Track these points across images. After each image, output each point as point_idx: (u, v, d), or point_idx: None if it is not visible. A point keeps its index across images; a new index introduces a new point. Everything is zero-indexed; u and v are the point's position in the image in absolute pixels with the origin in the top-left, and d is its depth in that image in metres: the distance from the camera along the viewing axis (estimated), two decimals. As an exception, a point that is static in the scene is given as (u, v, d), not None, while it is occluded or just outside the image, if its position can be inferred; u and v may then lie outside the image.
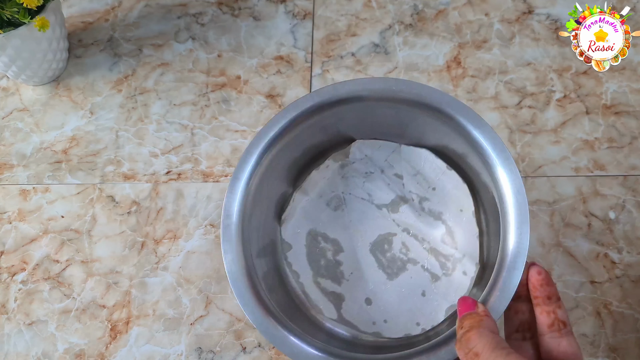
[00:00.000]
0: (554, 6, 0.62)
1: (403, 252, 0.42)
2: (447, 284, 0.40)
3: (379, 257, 0.42)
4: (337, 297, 0.41)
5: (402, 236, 0.42)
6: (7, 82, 0.62)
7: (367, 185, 0.43)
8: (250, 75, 0.60)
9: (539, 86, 0.57)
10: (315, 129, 0.40)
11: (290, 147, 0.39)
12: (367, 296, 0.41)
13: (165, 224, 0.51)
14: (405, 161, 0.43)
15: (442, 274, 0.40)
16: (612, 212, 0.49)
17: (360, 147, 0.43)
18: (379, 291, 0.41)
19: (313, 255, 0.42)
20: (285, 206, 0.43)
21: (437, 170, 0.42)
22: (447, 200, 0.42)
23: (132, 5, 0.66)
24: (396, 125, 0.41)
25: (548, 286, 0.29)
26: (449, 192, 0.41)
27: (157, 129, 0.57)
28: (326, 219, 0.43)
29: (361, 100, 0.38)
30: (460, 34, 0.61)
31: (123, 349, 0.46)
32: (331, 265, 0.42)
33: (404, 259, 0.41)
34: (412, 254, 0.41)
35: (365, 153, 0.43)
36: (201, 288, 0.48)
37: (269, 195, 0.41)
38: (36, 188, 0.54)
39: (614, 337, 0.44)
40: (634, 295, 0.46)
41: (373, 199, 0.43)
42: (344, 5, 0.64)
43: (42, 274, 0.50)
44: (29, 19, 0.51)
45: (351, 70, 0.59)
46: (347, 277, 0.41)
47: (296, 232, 0.42)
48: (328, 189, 0.43)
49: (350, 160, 0.43)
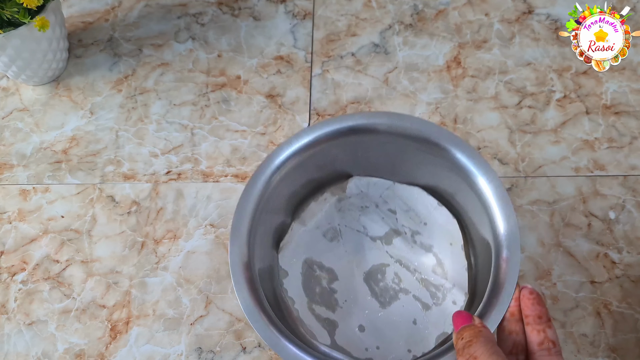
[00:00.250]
0: (554, 6, 0.62)
1: (395, 282, 0.43)
2: (438, 312, 0.42)
3: (373, 286, 0.44)
4: (331, 324, 0.42)
5: (394, 267, 0.44)
6: (7, 82, 0.62)
7: (362, 219, 0.46)
8: (250, 75, 0.60)
9: (539, 86, 0.57)
10: (313, 164, 0.42)
11: (290, 180, 0.41)
12: (361, 323, 0.42)
13: (165, 224, 0.51)
14: (399, 198, 0.45)
15: (433, 303, 0.42)
16: (612, 212, 0.49)
17: (357, 183, 0.45)
18: (372, 319, 0.42)
19: (308, 282, 0.43)
20: (283, 235, 0.45)
21: (429, 206, 0.44)
22: (437, 234, 0.44)
23: (132, 5, 0.66)
24: (390, 164, 0.43)
25: (539, 306, 0.30)
26: (440, 226, 0.44)
27: (157, 129, 0.57)
28: (322, 249, 0.45)
29: (357, 134, 0.40)
30: (460, 34, 0.61)
31: (123, 349, 0.46)
32: (326, 292, 0.43)
33: (396, 288, 0.43)
34: (404, 283, 0.43)
35: (361, 189, 0.45)
36: (201, 288, 0.48)
37: (269, 224, 0.43)
38: (36, 188, 0.54)
39: (614, 337, 0.44)
40: (634, 295, 0.46)
41: (368, 231, 0.45)
42: (344, 5, 0.64)
43: (42, 274, 0.50)
44: (29, 19, 0.51)
45: (351, 70, 0.59)
46: (341, 304, 0.43)
47: (293, 260, 0.44)
48: (325, 221, 0.45)
49: (347, 195, 0.45)
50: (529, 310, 0.31)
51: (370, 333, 0.42)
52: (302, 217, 0.45)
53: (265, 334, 0.34)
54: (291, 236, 0.45)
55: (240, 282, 0.36)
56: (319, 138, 0.40)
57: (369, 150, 0.42)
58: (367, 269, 0.44)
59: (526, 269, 0.47)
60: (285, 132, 0.56)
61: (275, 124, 0.56)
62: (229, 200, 0.52)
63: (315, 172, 0.44)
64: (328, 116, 0.56)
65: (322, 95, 0.58)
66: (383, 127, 0.39)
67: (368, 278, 0.44)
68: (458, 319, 0.30)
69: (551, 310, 0.46)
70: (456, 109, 0.56)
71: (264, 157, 0.54)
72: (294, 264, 0.44)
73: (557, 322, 0.45)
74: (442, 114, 0.56)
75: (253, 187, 0.39)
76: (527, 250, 0.48)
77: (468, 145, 0.38)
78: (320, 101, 0.58)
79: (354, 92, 0.58)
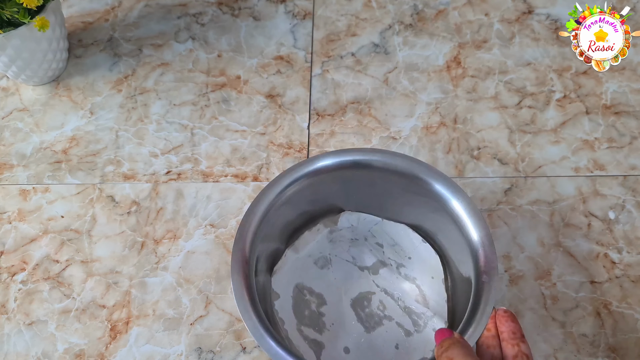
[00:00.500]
0: (554, 6, 0.62)
1: (380, 309, 0.46)
2: (419, 339, 0.45)
3: (359, 312, 0.46)
4: (318, 345, 0.45)
5: (380, 295, 0.47)
6: (7, 82, 0.62)
7: (352, 250, 0.49)
8: (250, 75, 0.60)
9: (539, 86, 0.57)
10: (310, 195, 0.45)
11: (287, 209, 0.44)
12: (346, 345, 0.45)
13: (165, 224, 0.51)
14: (386, 233, 0.48)
15: (414, 330, 0.45)
16: (611, 212, 0.49)
17: (348, 218, 0.48)
18: (357, 342, 0.45)
19: (298, 305, 0.46)
20: (277, 260, 0.47)
21: (414, 242, 0.47)
22: (420, 268, 0.47)
23: (132, 5, 0.66)
24: (379, 202, 0.47)
25: (513, 322, 0.33)
26: (423, 261, 0.47)
27: (157, 129, 0.57)
28: (313, 275, 0.47)
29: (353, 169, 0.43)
30: (460, 34, 0.61)
31: (123, 349, 0.46)
32: (314, 316, 0.46)
33: (380, 315, 0.46)
34: (388, 311, 0.46)
35: (351, 223, 0.49)
36: (201, 288, 0.48)
37: (265, 250, 0.45)
38: (36, 188, 0.54)
39: (613, 337, 0.44)
40: (634, 295, 0.46)
41: (356, 261, 0.48)
42: (344, 5, 0.64)
43: (42, 274, 0.50)
44: (29, 19, 0.51)
45: (351, 70, 0.59)
46: (328, 327, 0.45)
47: (285, 283, 0.47)
48: (317, 250, 0.48)
49: (338, 228, 0.49)
50: (503, 327, 0.33)
51: (355, 355, 0.44)
52: (296, 245, 0.48)
53: (256, 331, 0.36)
54: (284, 262, 0.47)
55: (238, 281, 0.38)
56: (319, 169, 0.43)
57: (361, 188, 0.45)
58: (354, 295, 0.47)
59: (526, 268, 0.47)
60: (285, 132, 0.56)
61: (275, 124, 0.56)
62: (229, 201, 0.52)
63: (310, 205, 0.47)
64: (328, 116, 0.56)
65: (322, 95, 0.58)
66: (377, 164, 0.42)
67: (355, 304, 0.47)
68: (439, 334, 0.33)
69: (551, 310, 0.46)
70: (456, 109, 0.56)
71: (264, 157, 0.54)
72: (286, 288, 0.46)
73: (557, 322, 0.45)
74: (442, 114, 0.56)
75: (259, 203, 0.41)
76: (527, 250, 0.48)
77: (449, 179, 0.41)
78: (320, 101, 0.58)
79: (354, 92, 0.58)
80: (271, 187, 0.42)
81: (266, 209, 0.41)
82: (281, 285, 0.46)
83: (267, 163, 0.54)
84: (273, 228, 0.44)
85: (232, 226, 0.51)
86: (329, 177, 0.44)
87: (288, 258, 0.47)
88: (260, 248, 0.43)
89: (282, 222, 0.46)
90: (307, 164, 0.43)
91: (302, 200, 0.45)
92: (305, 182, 0.43)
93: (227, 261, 0.49)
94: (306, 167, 0.43)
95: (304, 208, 0.47)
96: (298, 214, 0.47)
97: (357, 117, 0.56)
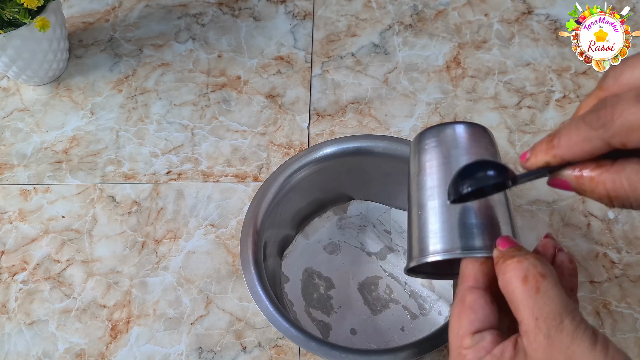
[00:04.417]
0: (553, 6, 0.62)
1: (387, 293, 0.47)
2: (424, 321, 0.46)
3: (366, 295, 0.47)
4: (325, 326, 0.46)
5: (387, 279, 0.48)
6: (7, 82, 0.62)
7: (360, 236, 0.50)
8: (251, 75, 0.60)
9: (539, 86, 0.57)
10: (320, 182, 0.46)
11: (298, 197, 0.46)
12: (353, 327, 0.46)
13: (166, 224, 0.52)
14: (394, 221, 0.50)
15: (420, 314, 0.46)
16: (611, 212, 0.50)
17: (357, 206, 0.50)
18: (364, 324, 0.46)
19: (307, 288, 0.48)
20: (287, 245, 0.49)
21: None
22: None
23: (133, 5, 0.66)
24: (387, 191, 0.49)
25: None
26: None
27: (157, 129, 0.57)
28: (322, 260, 0.49)
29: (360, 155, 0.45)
30: (459, 34, 0.61)
31: (123, 349, 0.46)
32: (322, 298, 0.47)
33: (387, 298, 0.47)
34: (394, 294, 0.47)
35: (360, 211, 0.50)
36: (201, 288, 0.48)
37: (276, 235, 0.47)
38: (37, 188, 0.55)
39: (613, 337, 0.44)
40: (633, 295, 0.46)
41: (364, 247, 0.50)
42: (344, 6, 0.64)
43: (43, 273, 0.50)
44: (29, 20, 0.51)
45: (351, 71, 0.59)
46: (335, 309, 0.47)
47: (294, 268, 0.48)
48: (326, 236, 0.50)
49: (348, 215, 0.51)
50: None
51: (361, 337, 0.45)
52: (306, 231, 0.50)
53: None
54: (294, 247, 0.49)
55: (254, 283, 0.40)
56: (325, 156, 0.45)
57: (369, 176, 0.47)
58: (361, 279, 0.48)
59: (526, 268, 0.47)
60: (285, 132, 0.56)
61: (275, 124, 0.56)
62: (229, 201, 0.52)
63: (320, 193, 0.49)
64: (328, 116, 0.57)
65: (322, 96, 0.58)
66: (379, 149, 0.44)
67: (362, 288, 0.48)
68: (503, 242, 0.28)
69: (551, 310, 0.46)
70: (456, 109, 0.56)
71: (264, 157, 0.55)
72: (296, 272, 0.48)
73: (556, 322, 0.45)
74: (441, 114, 0.56)
75: (270, 187, 0.43)
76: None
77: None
78: (320, 101, 0.58)
79: (354, 92, 0.58)
80: (280, 172, 0.44)
81: (276, 191, 0.43)
82: (291, 269, 0.48)
83: (267, 163, 0.54)
84: (284, 214, 0.46)
85: (233, 226, 0.51)
86: (336, 164, 0.45)
87: (298, 243, 0.49)
88: (271, 233, 0.45)
89: (293, 209, 0.48)
90: (313, 151, 0.44)
91: (312, 188, 0.47)
92: (313, 168, 0.44)
93: (228, 261, 0.49)
94: (312, 153, 0.44)
95: (314, 196, 0.49)
96: (308, 202, 0.49)
97: (357, 117, 0.56)
